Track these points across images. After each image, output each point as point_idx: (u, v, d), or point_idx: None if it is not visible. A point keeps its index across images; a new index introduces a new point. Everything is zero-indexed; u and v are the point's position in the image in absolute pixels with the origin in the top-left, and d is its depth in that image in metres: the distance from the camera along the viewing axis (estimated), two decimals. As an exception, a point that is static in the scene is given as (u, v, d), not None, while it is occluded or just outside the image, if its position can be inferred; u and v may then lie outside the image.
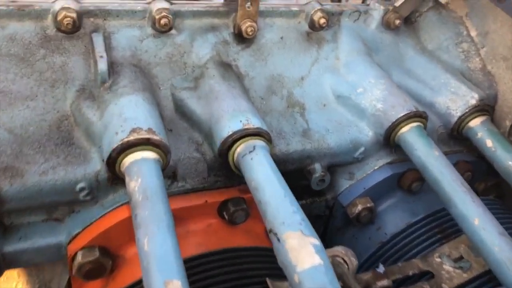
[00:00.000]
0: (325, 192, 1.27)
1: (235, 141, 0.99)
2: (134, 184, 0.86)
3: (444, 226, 1.14)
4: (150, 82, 1.12)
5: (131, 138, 0.90)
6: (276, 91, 1.24)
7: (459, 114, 1.24)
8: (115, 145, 0.90)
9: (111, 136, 0.92)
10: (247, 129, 0.99)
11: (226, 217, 1.04)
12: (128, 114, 0.95)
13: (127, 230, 0.96)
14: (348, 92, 1.25)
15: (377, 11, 1.39)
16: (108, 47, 1.11)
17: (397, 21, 1.38)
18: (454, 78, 1.29)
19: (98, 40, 1.08)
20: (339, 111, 1.26)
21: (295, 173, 1.19)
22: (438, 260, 1.06)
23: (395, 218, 1.22)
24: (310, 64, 1.30)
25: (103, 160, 0.94)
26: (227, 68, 1.18)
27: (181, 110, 1.11)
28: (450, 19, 1.42)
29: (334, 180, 1.26)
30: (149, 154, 0.92)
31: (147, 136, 0.91)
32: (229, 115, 1.01)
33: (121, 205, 0.99)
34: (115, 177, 0.97)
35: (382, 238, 1.20)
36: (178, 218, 1.01)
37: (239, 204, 1.04)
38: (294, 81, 1.27)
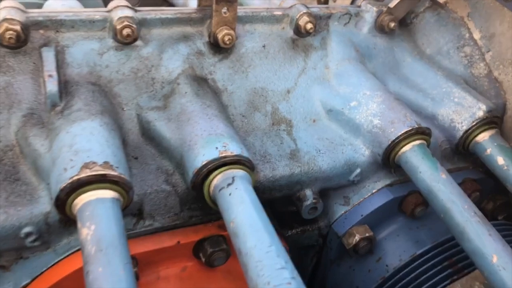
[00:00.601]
0: (318, 219, 1.12)
1: (210, 171, 0.84)
2: (86, 232, 0.71)
3: (455, 258, 1.00)
4: (112, 103, 0.96)
5: (83, 175, 0.75)
6: (259, 107, 1.09)
7: (464, 127, 1.11)
8: (63, 184, 0.75)
9: (59, 173, 0.76)
10: (224, 157, 0.84)
11: (203, 259, 0.89)
12: (80, 145, 0.79)
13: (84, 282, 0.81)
14: (341, 105, 1.11)
15: (369, 13, 1.25)
16: (62, 64, 0.95)
17: (392, 24, 1.24)
18: (458, 87, 1.16)
19: (48, 56, 0.92)
20: (331, 128, 1.12)
21: (282, 198, 1.04)
22: (450, 299, 0.92)
23: (397, 248, 1.08)
24: (297, 75, 1.15)
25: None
26: (201, 83, 1.03)
27: (148, 134, 0.96)
28: (450, 20, 1.29)
29: (327, 206, 1.12)
30: (106, 193, 0.76)
31: (102, 171, 0.76)
32: (203, 140, 0.86)
33: (77, 250, 0.84)
34: (68, 218, 0.81)
35: (383, 271, 1.05)
36: (147, 263, 0.86)
37: (218, 244, 0.89)
38: (279, 94, 1.12)
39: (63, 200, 0.76)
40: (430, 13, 1.31)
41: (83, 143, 0.80)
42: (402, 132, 1.01)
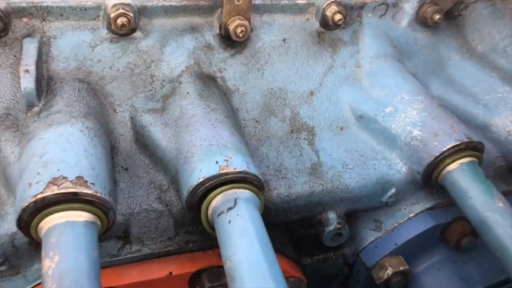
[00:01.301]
0: (343, 245, 0.95)
1: (208, 190, 0.69)
2: (48, 265, 0.57)
3: (512, 305, 0.81)
4: (102, 104, 0.83)
5: (48, 193, 0.61)
6: (276, 111, 0.93)
7: (526, 141, 0.91)
8: (25, 203, 0.61)
9: (24, 189, 0.63)
10: (225, 174, 0.68)
11: (200, 295, 0.73)
12: (52, 154, 0.66)
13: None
14: (374, 111, 0.93)
15: (409, 4, 1.07)
16: (46, 57, 0.82)
17: (436, 16, 1.06)
18: (517, 92, 0.96)
19: (29, 48, 0.79)
20: (361, 138, 0.94)
21: (299, 221, 0.88)
22: None
23: (438, 285, 0.90)
24: (323, 74, 0.99)
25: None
26: (208, 82, 0.88)
27: (142, 141, 0.81)
28: (507, 12, 1.09)
29: (355, 230, 0.95)
30: (78, 216, 0.62)
31: (72, 189, 0.62)
32: (202, 152, 0.71)
33: (50, 280, 0.70)
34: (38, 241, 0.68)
35: (421, 314, 0.88)
36: (132, 297, 0.71)
37: (218, 278, 0.73)
38: (300, 97, 0.96)
39: (27, 221, 0.62)
40: (484, 4, 1.11)
41: (56, 153, 0.66)
42: (448, 147, 0.83)
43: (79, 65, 0.84)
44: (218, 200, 0.68)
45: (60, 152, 0.66)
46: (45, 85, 0.79)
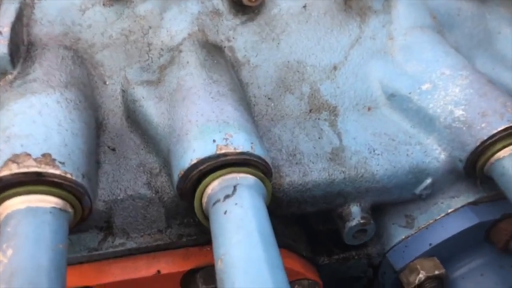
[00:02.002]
0: (368, 244, 0.82)
1: (203, 175, 0.57)
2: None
3: None
4: (90, 74, 0.72)
5: (6, 172, 0.51)
6: (293, 87, 0.81)
7: None
8: (-20, 184, 0.51)
9: (-19, 167, 0.53)
10: (224, 155, 0.57)
11: (193, 298, 0.62)
12: (18, 128, 0.55)
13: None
14: (408, 89, 0.80)
15: (453, -32, 0.92)
16: (28, 20, 0.72)
17: (485, -18, 0.90)
18: None
19: (7, 9, 0.69)
20: (392, 119, 0.81)
21: (316, 214, 0.76)
22: None
23: (481, 294, 0.76)
24: (348, 46, 0.85)
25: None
26: (213, 52, 0.76)
27: (134, 117, 0.70)
28: None
29: (382, 227, 0.82)
30: (42, 201, 0.52)
31: (35, 168, 0.51)
32: (198, 129, 0.60)
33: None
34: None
35: (459, 327, 0.74)
36: (115, 298, 0.61)
37: (215, 279, 0.61)
38: (321, 71, 0.83)
39: (-17, 206, 0.52)
40: (542, -33, 0.95)
41: (22, 126, 0.56)
42: (499, 129, 0.68)
43: (65, 30, 0.73)
44: (214, 186, 0.56)
45: (28, 125, 0.56)
46: (24, 51, 0.69)
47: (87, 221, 0.61)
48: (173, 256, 0.64)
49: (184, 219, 0.66)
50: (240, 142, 0.58)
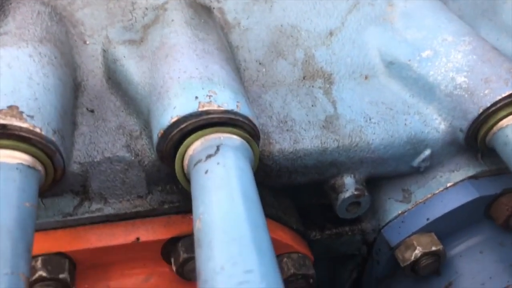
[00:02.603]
0: (362, 219, 0.78)
1: (185, 135, 0.53)
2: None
3: None
4: (68, 33, 0.68)
5: (-33, 124, 0.46)
6: (285, 53, 0.76)
7: None
8: None
9: None
10: (206, 112, 0.52)
11: (174, 267, 0.58)
12: (-18, 79, 0.51)
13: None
14: (408, 56, 0.75)
15: None
16: (3, -28, 0.67)
17: (491, -51, 0.85)
18: None
19: (-20, -41, 0.64)
20: (390, 88, 0.77)
21: (308, 186, 0.72)
22: None
23: (480, 271, 0.73)
24: (346, 11, 0.81)
25: None
26: (200, 11, 0.71)
27: (114, 78, 0.66)
28: None
29: (377, 201, 0.78)
30: (7, 156, 0.48)
31: (0, 120, 0.47)
32: (180, 86, 0.55)
33: None
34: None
35: (455, 306, 0.70)
36: (89, 266, 0.58)
37: (197, 248, 0.57)
38: (317, 37, 0.79)
39: None
40: None
41: (-12, 78, 0.51)
42: (504, 95, 0.64)
43: (44, -15, 0.69)
44: (196, 147, 0.52)
45: (-5, 77, 0.52)
46: (-1, 4, 0.65)
47: (61, 184, 0.57)
48: (153, 223, 0.60)
49: (167, 185, 0.62)
50: (225, 99, 0.54)
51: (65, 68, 0.61)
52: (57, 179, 0.54)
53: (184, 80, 0.56)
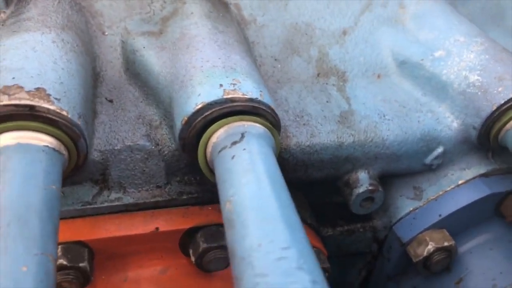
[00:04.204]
0: (373, 216, 0.79)
1: (209, 122, 0.53)
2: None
3: None
4: (88, 23, 0.68)
5: (-4, 104, 0.46)
6: (300, 50, 0.77)
7: None
8: (-33, 117, 0.47)
9: (-32, 100, 0.48)
10: (231, 100, 0.53)
11: (193, 258, 0.58)
12: (8, 62, 0.51)
13: None
14: (420, 56, 0.77)
15: None
16: (23, -38, 0.67)
17: (498, -44, 0.88)
18: None
19: None
20: (403, 87, 0.78)
21: (322, 183, 0.72)
22: None
23: (490, 268, 0.73)
24: (359, 11, 0.82)
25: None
26: (218, 6, 0.72)
27: (133, 68, 0.66)
28: None
29: (389, 199, 0.78)
30: (34, 138, 0.47)
31: (28, 101, 0.47)
32: (203, 74, 0.56)
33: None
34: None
35: (467, 302, 0.71)
36: (109, 256, 0.57)
37: (217, 238, 0.57)
38: (331, 35, 0.80)
39: (-31, 142, 0.48)
40: None
41: (14, 60, 0.51)
42: (517, 93, 0.65)
43: (63, -24, 0.69)
44: (220, 134, 0.52)
45: (20, 59, 0.52)
46: (19, -8, 0.65)
47: (82, 172, 0.56)
48: (171, 214, 0.59)
49: (185, 176, 0.62)
50: (249, 88, 0.54)
51: (86, 56, 0.61)
52: (79, 165, 0.54)
53: (207, 69, 0.56)
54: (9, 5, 0.61)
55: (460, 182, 0.75)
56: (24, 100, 0.47)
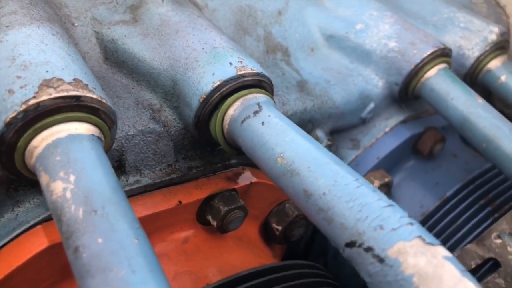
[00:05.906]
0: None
1: (224, 97, 0.59)
2: (62, 187, 0.43)
3: (491, 195, 0.86)
4: (57, 15, 0.66)
5: (44, 97, 0.46)
6: (249, 30, 0.86)
7: (476, 54, 0.96)
8: (10, 115, 0.46)
9: (3, 98, 0.47)
10: (243, 75, 0.60)
11: (215, 222, 0.64)
12: (27, 56, 0.50)
13: (46, 275, 0.53)
14: (344, 29, 0.91)
15: None
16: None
17: None
18: (461, 11, 1.02)
19: None
20: (333, 57, 0.91)
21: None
22: (499, 241, 0.77)
23: (415, 194, 0.93)
24: (287, -7, 0.93)
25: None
26: (179, -8, 0.76)
27: (115, 57, 0.67)
28: None
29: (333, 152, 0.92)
30: (82, 128, 0.49)
31: (75, 92, 0.48)
32: (208, 55, 0.61)
33: (32, 226, 0.55)
34: (14, 178, 0.52)
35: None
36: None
37: (233, 201, 0.64)
38: (270, 16, 0.89)
39: (10, 143, 0.47)
40: None
41: (33, 54, 0.51)
42: (428, 53, 0.84)
43: (18, -34, 0.66)
44: (236, 107, 0.59)
45: (39, 53, 0.51)
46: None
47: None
48: (186, 188, 0.64)
49: (188, 152, 0.67)
50: (252, 64, 0.62)
51: (75, 48, 0.61)
52: (106, 153, 0.55)
53: (210, 50, 0.62)
54: (-18, -1, 0.58)
55: (386, 129, 0.92)
56: (71, 91, 0.47)
